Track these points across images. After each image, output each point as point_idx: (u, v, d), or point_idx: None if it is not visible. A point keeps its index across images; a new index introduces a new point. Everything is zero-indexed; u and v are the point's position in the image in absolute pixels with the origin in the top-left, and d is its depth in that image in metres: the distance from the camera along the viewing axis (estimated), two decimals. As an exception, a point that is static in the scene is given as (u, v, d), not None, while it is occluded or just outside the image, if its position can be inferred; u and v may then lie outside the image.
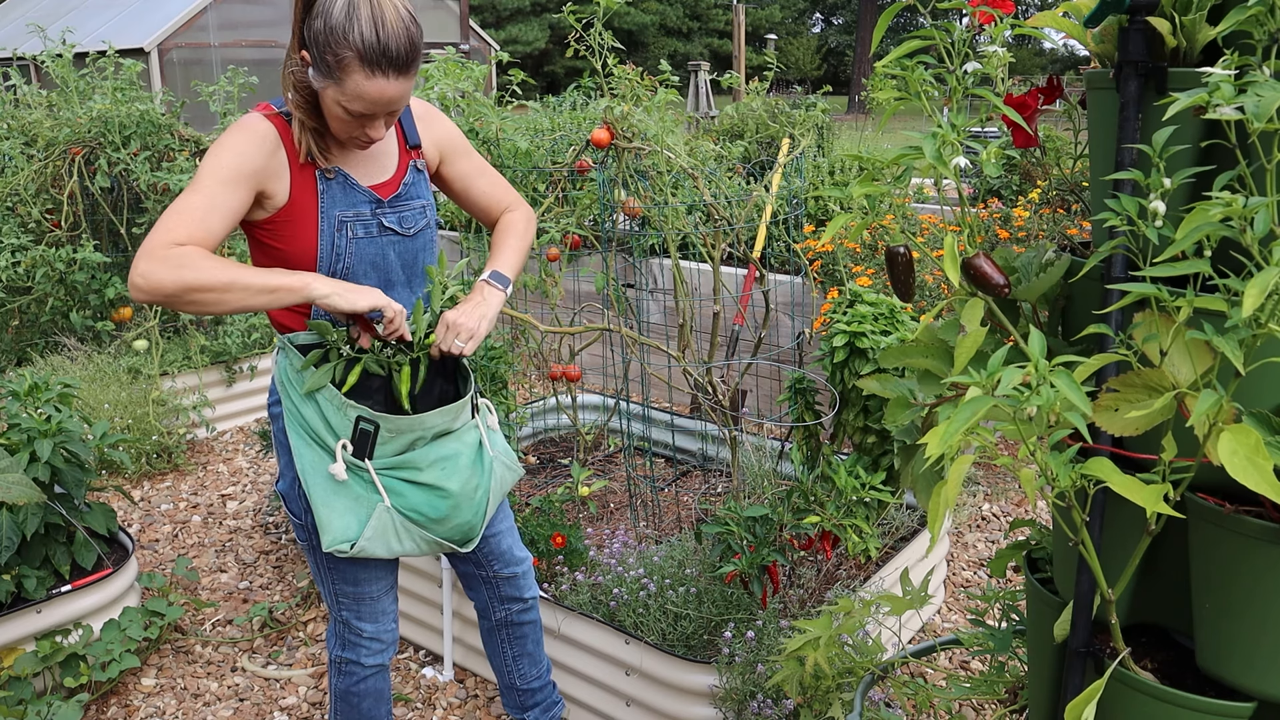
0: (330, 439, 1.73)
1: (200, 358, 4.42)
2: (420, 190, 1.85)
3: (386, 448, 1.76)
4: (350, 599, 1.93)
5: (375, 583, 1.93)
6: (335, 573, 1.90)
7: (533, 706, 2.27)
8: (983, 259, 1.22)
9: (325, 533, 1.74)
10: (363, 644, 1.96)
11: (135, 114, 4.32)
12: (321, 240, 1.72)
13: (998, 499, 3.74)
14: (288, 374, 1.77)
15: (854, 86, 25.75)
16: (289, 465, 1.83)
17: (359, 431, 1.73)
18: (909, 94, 1.19)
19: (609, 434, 3.74)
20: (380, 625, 1.96)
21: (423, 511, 1.78)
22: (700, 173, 2.87)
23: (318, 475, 1.74)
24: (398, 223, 1.79)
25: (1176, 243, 0.96)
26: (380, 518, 1.75)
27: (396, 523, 1.77)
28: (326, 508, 1.74)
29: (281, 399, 1.79)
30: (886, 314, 2.44)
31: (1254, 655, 1.11)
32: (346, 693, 2.01)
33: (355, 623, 1.94)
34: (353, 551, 1.75)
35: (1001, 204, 5.34)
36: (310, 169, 1.71)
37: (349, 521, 1.74)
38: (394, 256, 1.80)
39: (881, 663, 1.93)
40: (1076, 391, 0.96)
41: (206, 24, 8.61)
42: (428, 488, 1.78)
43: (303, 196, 1.71)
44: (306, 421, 1.74)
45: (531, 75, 4.02)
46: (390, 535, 1.77)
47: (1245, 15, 0.99)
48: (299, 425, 1.75)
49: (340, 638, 1.98)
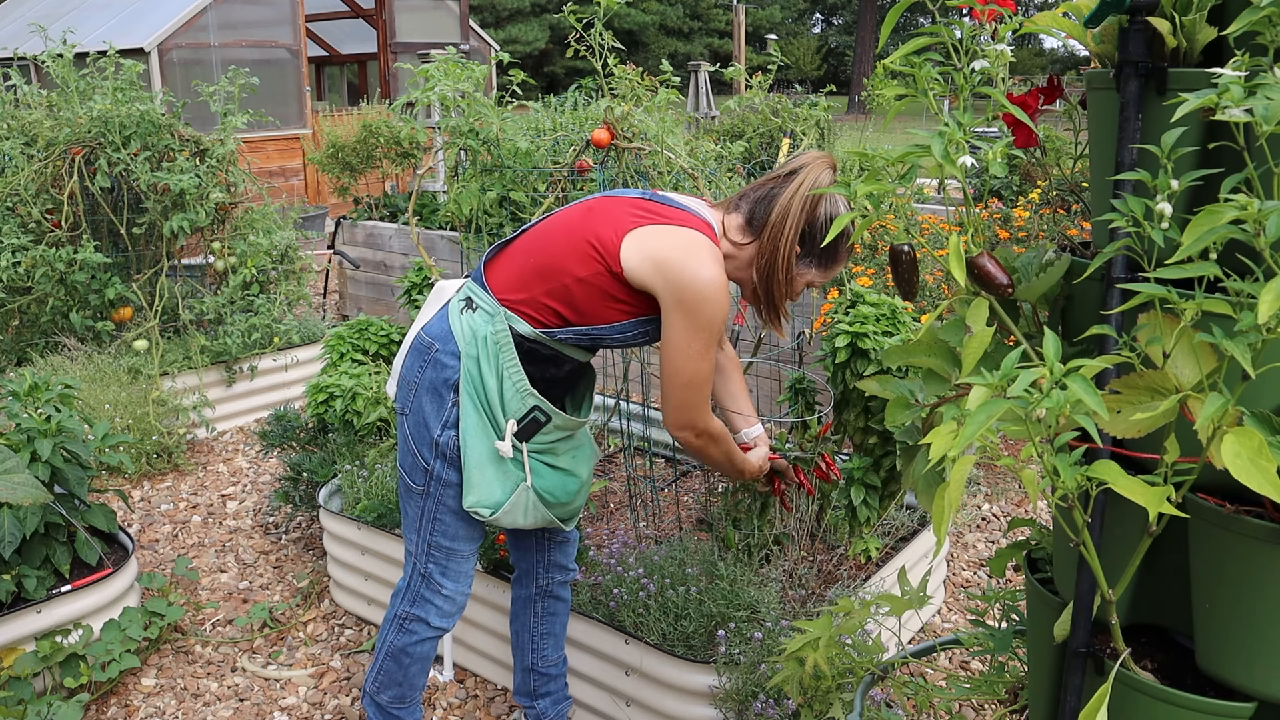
0: (500, 415, 1.86)
1: (200, 358, 4.41)
2: None
3: (545, 436, 1.91)
4: (443, 553, 1.98)
5: (470, 542, 2.01)
6: (439, 524, 1.96)
7: (544, 695, 2.28)
8: (987, 258, 1.22)
9: (471, 492, 1.87)
10: (437, 602, 2.01)
11: (135, 114, 4.32)
12: None
13: (998, 499, 3.74)
14: (488, 344, 1.85)
15: (854, 87, 25.75)
16: (439, 412, 1.89)
17: (531, 419, 1.87)
18: (915, 91, 1.19)
19: (609, 434, 3.74)
20: (459, 585, 2.03)
21: (555, 494, 1.95)
22: (700, 173, 2.87)
23: (479, 441, 1.86)
24: None
25: (1186, 245, 0.96)
26: (520, 495, 1.90)
27: (531, 501, 1.92)
28: (480, 471, 1.87)
29: (463, 356, 1.86)
30: (889, 315, 2.44)
31: (1254, 656, 1.11)
32: (401, 652, 2.04)
33: (438, 578, 2.00)
34: (491, 518, 1.90)
35: (1001, 204, 5.34)
36: None
37: (495, 490, 1.88)
38: None
39: (882, 663, 1.93)
40: (1093, 395, 0.96)
41: (206, 24, 8.60)
42: (564, 472, 1.96)
43: None
44: (485, 390, 1.85)
45: (532, 75, 4.01)
46: (520, 510, 1.92)
47: (1258, 16, 0.99)
48: (475, 390, 1.85)
49: (415, 593, 2.02)
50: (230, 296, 4.63)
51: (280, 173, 9.21)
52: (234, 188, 4.54)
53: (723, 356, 2.17)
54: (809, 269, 1.87)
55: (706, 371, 1.81)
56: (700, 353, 1.79)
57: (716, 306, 1.76)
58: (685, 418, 1.85)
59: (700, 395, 1.84)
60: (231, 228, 4.65)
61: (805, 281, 1.88)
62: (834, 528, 2.63)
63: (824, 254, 1.86)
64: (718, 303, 1.75)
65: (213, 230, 4.60)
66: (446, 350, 1.88)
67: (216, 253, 4.61)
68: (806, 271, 1.87)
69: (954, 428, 1.03)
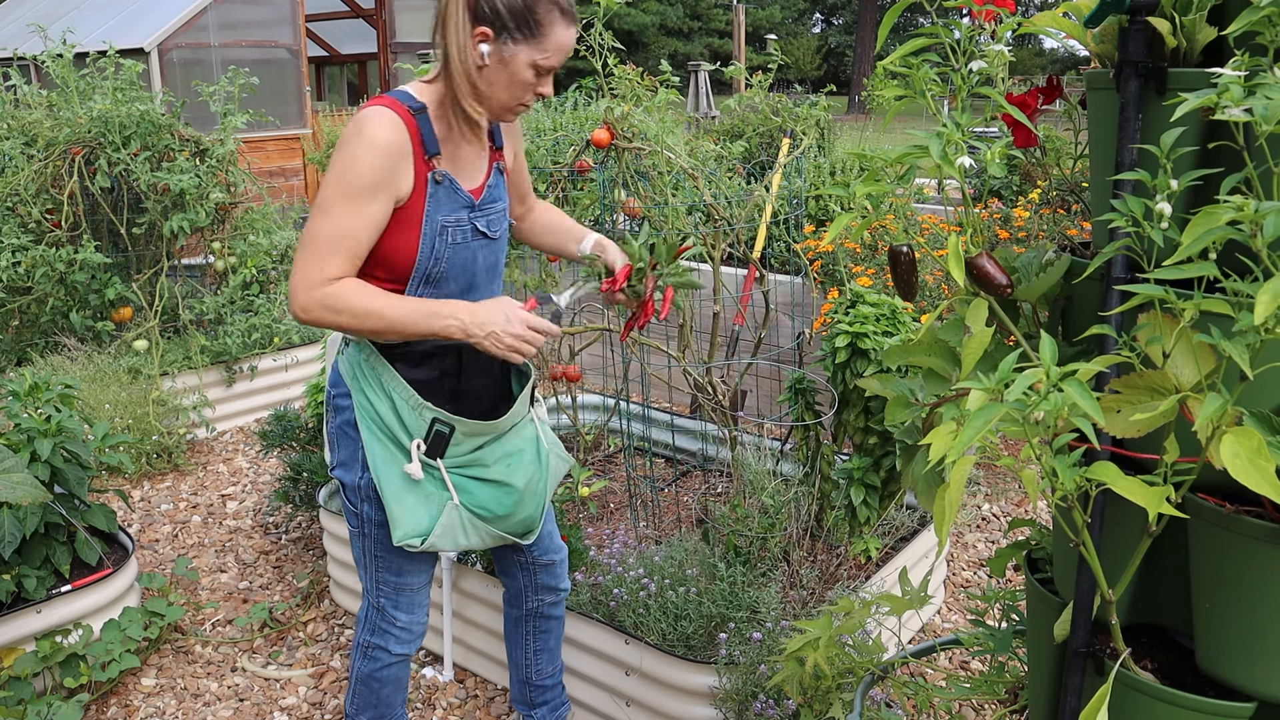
0: (404, 437, 1.78)
1: (200, 358, 4.41)
2: (501, 192, 1.87)
3: (459, 448, 1.82)
4: (391, 587, 1.95)
5: (418, 574, 1.96)
6: (381, 561, 1.92)
7: (542, 704, 2.28)
8: (986, 259, 1.22)
9: (396, 528, 1.79)
10: (394, 632, 1.98)
11: (135, 114, 4.32)
12: (423, 244, 1.72)
13: (998, 499, 3.74)
14: (360, 369, 1.79)
15: (854, 87, 25.75)
16: (353, 456, 1.84)
17: (434, 433, 1.78)
18: (913, 92, 1.19)
19: (609, 434, 3.74)
20: (414, 616, 1.99)
21: (490, 508, 1.85)
22: (700, 173, 2.87)
23: (390, 472, 1.78)
24: (487, 226, 1.81)
25: (1185, 246, 0.96)
26: (450, 515, 1.82)
27: (465, 519, 1.83)
28: (398, 503, 1.78)
29: (352, 393, 1.81)
30: (889, 315, 2.44)
31: (1254, 655, 1.11)
32: (369, 677, 2.03)
33: (391, 611, 1.97)
34: (423, 546, 1.81)
35: (1001, 204, 5.34)
36: (425, 171, 1.71)
37: (420, 517, 1.80)
38: (480, 260, 1.82)
39: (882, 663, 1.93)
40: (1089, 400, 0.96)
41: (206, 24, 8.60)
42: (495, 484, 1.85)
43: (417, 199, 1.71)
44: (380, 418, 1.78)
45: (532, 75, 4.01)
46: (458, 531, 1.83)
47: (1258, 16, 0.99)
48: (371, 421, 1.79)
49: (372, 624, 2.00)
50: (230, 296, 4.63)
51: (280, 173, 9.20)
52: (234, 188, 4.54)
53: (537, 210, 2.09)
54: (516, 47, 1.66)
55: (326, 231, 1.63)
56: (321, 204, 1.64)
57: (352, 150, 1.63)
58: (291, 282, 1.66)
59: (306, 257, 1.64)
60: (231, 228, 4.65)
61: (526, 64, 1.67)
62: (834, 528, 2.63)
63: (518, 21, 1.65)
64: (354, 148, 1.63)
65: (213, 230, 4.60)
66: (339, 393, 1.85)
67: (216, 253, 4.61)
68: (517, 51, 1.66)
69: (954, 428, 1.03)
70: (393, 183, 1.66)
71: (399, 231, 1.71)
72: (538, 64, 1.68)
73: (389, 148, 1.65)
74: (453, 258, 1.75)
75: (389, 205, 1.67)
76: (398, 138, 1.66)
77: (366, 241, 1.67)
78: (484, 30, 1.65)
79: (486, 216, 1.80)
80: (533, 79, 1.70)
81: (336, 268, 1.65)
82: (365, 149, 1.63)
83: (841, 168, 5.35)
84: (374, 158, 1.63)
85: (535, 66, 1.69)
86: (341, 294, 1.64)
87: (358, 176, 1.63)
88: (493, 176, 1.83)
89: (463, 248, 1.76)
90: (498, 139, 1.87)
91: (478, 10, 1.66)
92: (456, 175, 1.76)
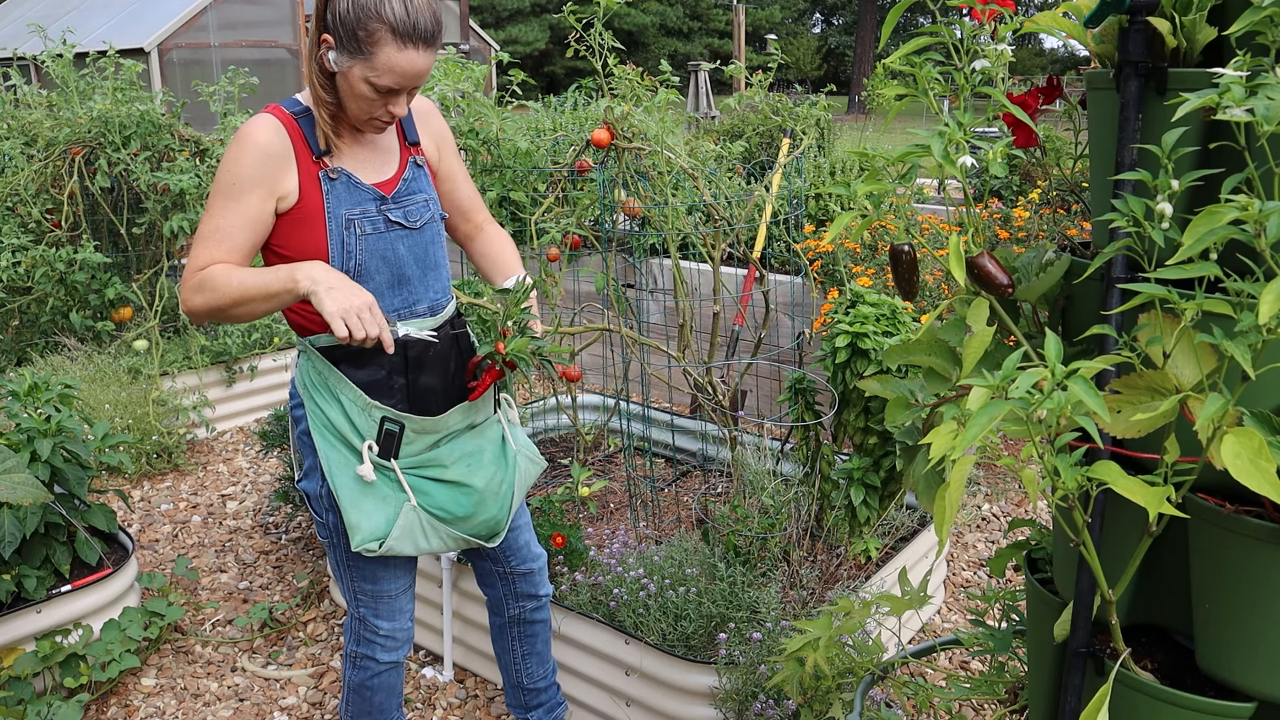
0: (356, 440, 1.77)
1: (200, 358, 4.41)
2: (422, 185, 1.88)
3: (411, 447, 1.81)
4: (369, 596, 1.94)
5: (394, 581, 1.95)
6: (355, 570, 1.92)
7: (537, 707, 2.27)
8: (987, 258, 1.22)
9: (354, 533, 1.77)
10: (378, 641, 1.98)
11: (135, 114, 4.32)
12: (331, 239, 1.74)
13: (998, 499, 3.74)
14: (310, 376, 1.80)
15: (854, 87, 25.76)
16: (313, 466, 1.85)
17: (384, 432, 1.78)
18: (915, 91, 1.19)
19: (609, 434, 3.74)
20: (397, 623, 1.98)
21: (448, 509, 1.83)
22: (700, 173, 2.87)
23: (344, 476, 1.78)
24: (403, 217, 1.81)
25: (1187, 246, 0.96)
26: (407, 516, 1.80)
27: (423, 521, 1.82)
28: (354, 508, 1.77)
29: (304, 401, 1.82)
30: (889, 315, 2.44)
31: (1254, 655, 1.11)
32: (361, 686, 2.03)
33: (372, 620, 1.96)
34: (381, 550, 1.79)
35: (1001, 204, 5.34)
36: (316, 170, 1.74)
37: (377, 521, 1.78)
38: (404, 251, 1.82)
39: (881, 663, 1.93)
40: (1095, 397, 0.96)
41: (206, 24, 8.61)
42: (453, 485, 1.84)
43: (312, 196, 1.74)
44: (331, 423, 1.78)
45: (531, 75, 4.02)
46: (418, 533, 1.82)
47: (1259, 16, 0.99)
48: (323, 427, 1.79)
49: (356, 634, 1.99)
50: (230, 296, 4.62)
51: (280, 173, 9.19)
52: (234, 188, 4.53)
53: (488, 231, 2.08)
54: (351, 61, 1.65)
55: (204, 229, 1.70)
56: (205, 207, 1.72)
57: (230, 154, 1.70)
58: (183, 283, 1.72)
59: (189, 256, 1.70)
60: (231, 228, 4.64)
61: (360, 79, 1.66)
62: (834, 528, 2.63)
63: (348, 35, 1.63)
64: (231, 152, 1.70)
65: (213, 230, 4.59)
66: (294, 405, 1.87)
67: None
68: (351, 65, 1.65)
69: (954, 428, 1.03)
70: (270, 180, 1.70)
71: (304, 227, 1.74)
72: (371, 82, 1.66)
73: (263, 148, 1.70)
74: (368, 249, 1.77)
75: (268, 202, 1.71)
76: (275, 140, 1.71)
77: (242, 236, 1.71)
78: (327, 38, 1.68)
79: (403, 208, 1.82)
80: (371, 94, 1.68)
81: (210, 259, 1.69)
82: (239, 151, 1.69)
83: (841, 167, 5.35)
84: (246, 158, 1.69)
85: (370, 84, 1.67)
86: (208, 276, 1.68)
87: (230, 175, 1.69)
88: (409, 170, 1.85)
89: (375, 239, 1.77)
90: (410, 134, 1.89)
91: (325, 17, 1.69)
92: (357, 170, 1.78)
